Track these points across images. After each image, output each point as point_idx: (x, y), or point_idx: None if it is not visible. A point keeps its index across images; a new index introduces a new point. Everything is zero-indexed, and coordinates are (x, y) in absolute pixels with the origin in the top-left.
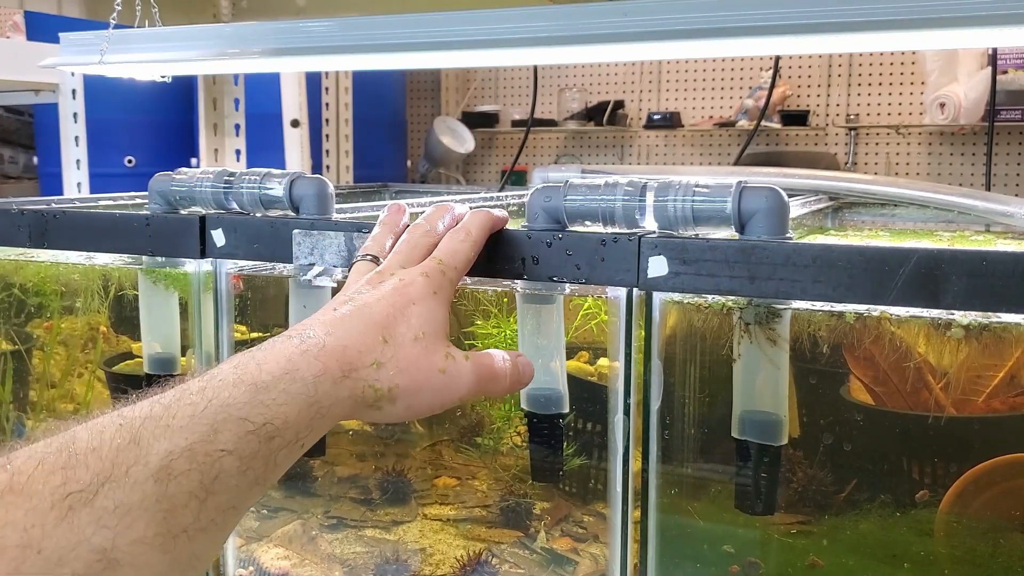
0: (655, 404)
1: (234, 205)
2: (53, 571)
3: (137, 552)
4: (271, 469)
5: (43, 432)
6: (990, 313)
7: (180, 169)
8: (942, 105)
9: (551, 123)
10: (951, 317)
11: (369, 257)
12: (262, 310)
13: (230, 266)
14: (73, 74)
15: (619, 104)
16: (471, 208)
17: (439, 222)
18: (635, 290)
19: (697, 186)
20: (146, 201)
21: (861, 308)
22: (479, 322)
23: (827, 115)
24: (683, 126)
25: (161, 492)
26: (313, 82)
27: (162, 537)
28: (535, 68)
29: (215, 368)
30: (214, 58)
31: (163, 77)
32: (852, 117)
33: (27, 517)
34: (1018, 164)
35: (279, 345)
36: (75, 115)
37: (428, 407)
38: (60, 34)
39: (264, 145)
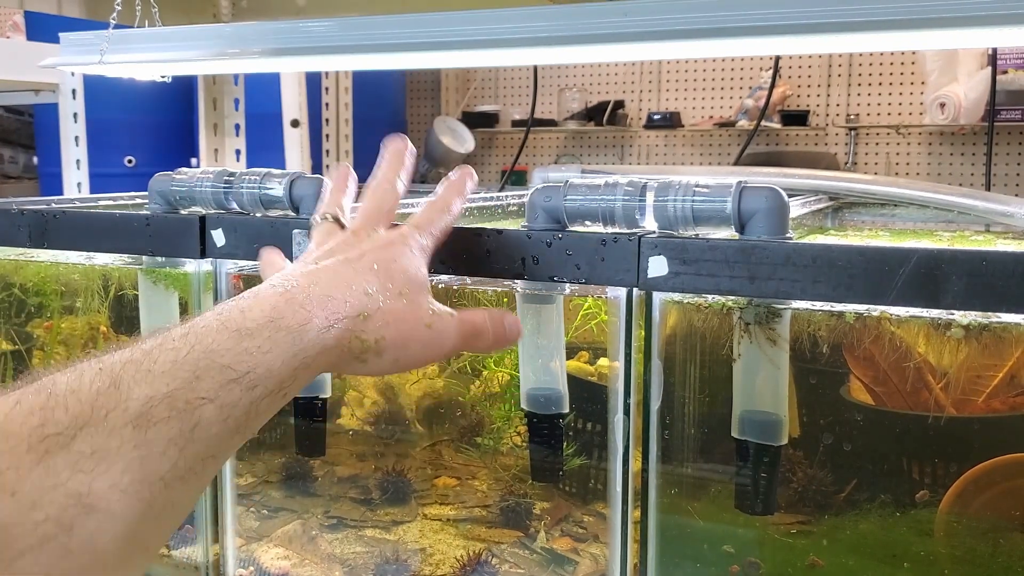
0: (655, 404)
1: (234, 205)
2: (26, 515)
3: (112, 498)
4: (252, 418)
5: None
6: (990, 313)
7: (180, 169)
8: (942, 105)
9: (551, 123)
10: (951, 317)
11: (330, 218)
12: None
13: (230, 266)
14: (73, 74)
15: (619, 104)
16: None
17: (396, 180)
18: (635, 290)
19: (697, 186)
20: (146, 201)
21: (861, 308)
22: None
23: (827, 115)
24: (683, 126)
25: (139, 438)
26: (313, 82)
27: (138, 484)
28: (535, 68)
29: (198, 315)
30: (214, 58)
31: (163, 77)
32: (852, 117)
33: (2, 459)
34: (1018, 164)
35: (264, 293)
36: (75, 115)
37: (415, 361)
38: (60, 34)
39: (264, 145)
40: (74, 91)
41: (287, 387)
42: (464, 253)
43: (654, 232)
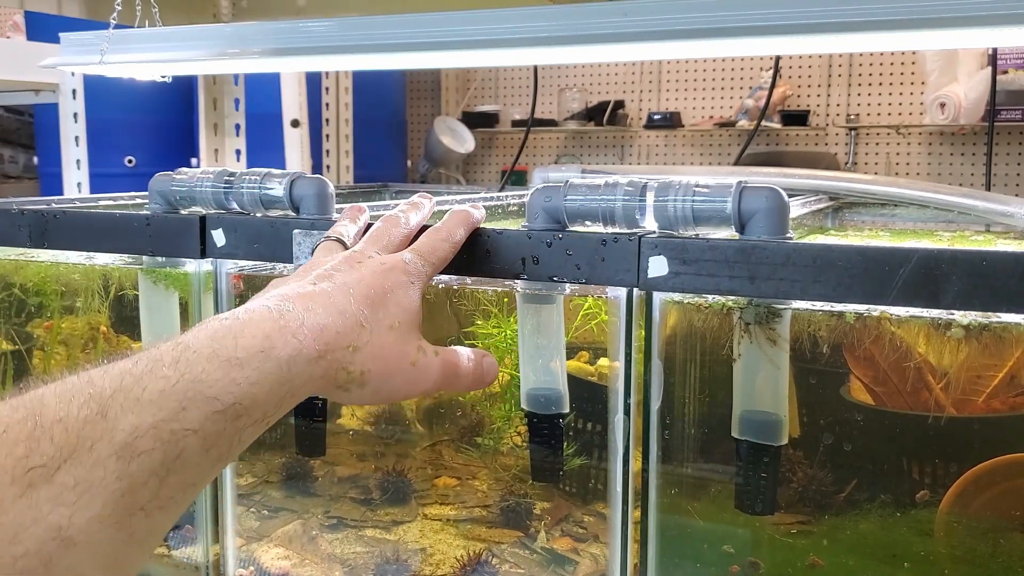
0: (655, 404)
1: (234, 205)
2: (5, 549)
3: (93, 530)
4: (235, 447)
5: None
6: (990, 313)
7: (180, 169)
8: (942, 105)
9: (551, 123)
10: (951, 317)
11: (334, 238)
12: None
13: (230, 266)
14: (73, 74)
15: (619, 104)
16: (456, 207)
17: (412, 215)
18: (635, 290)
19: (697, 186)
20: (146, 201)
21: (861, 308)
22: (479, 322)
23: (827, 115)
24: (683, 126)
25: (123, 470)
26: (313, 82)
27: (118, 515)
28: (535, 68)
29: (190, 334)
30: (214, 58)
31: (163, 77)
32: (852, 117)
33: None
34: (1018, 164)
35: (258, 316)
36: (75, 115)
37: (394, 394)
38: (60, 34)
39: (264, 145)
40: (74, 91)
41: (270, 415)
42: (464, 253)
43: (654, 232)
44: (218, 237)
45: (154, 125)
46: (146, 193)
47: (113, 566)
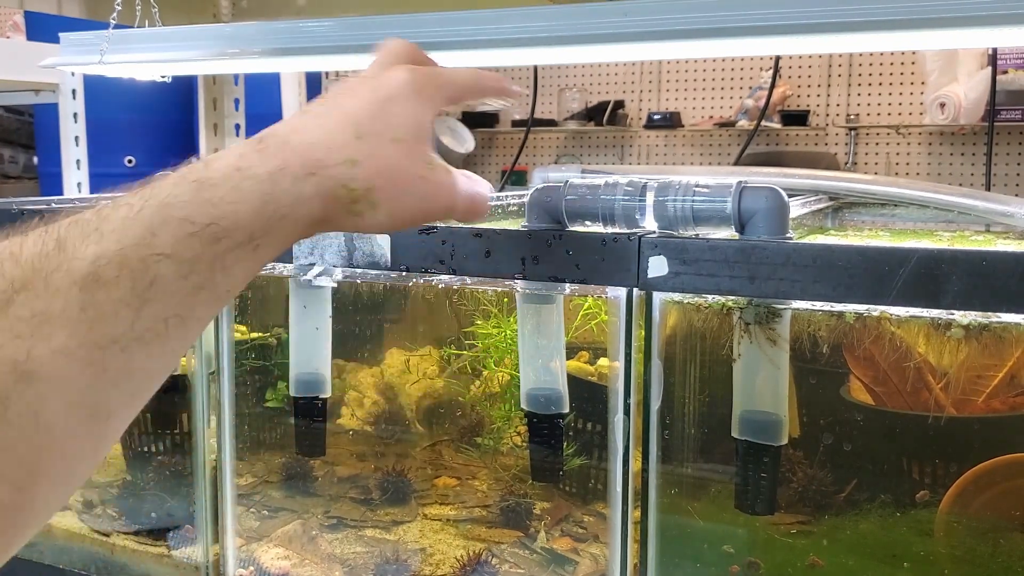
0: (655, 404)
1: None
2: None
3: (57, 364)
4: (219, 272)
5: None
6: (990, 313)
7: None
8: (942, 105)
9: (551, 123)
10: (951, 317)
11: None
12: (262, 310)
13: None
14: (73, 74)
15: (619, 104)
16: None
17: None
18: (635, 290)
19: (697, 186)
20: None
21: (861, 308)
22: (479, 322)
23: (827, 115)
24: (683, 126)
25: (87, 300)
26: (313, 82)
27: (86, 348)
28: (535, 68)
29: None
30: (214, 58)
31: (163, 77)
32: (852, 117)
33: None
34: (1018, 164)
35: (234, 146)
36: (75, 115)
37: (412, 216)
38: (60, 34)
39: None
40: (74, 91)
41: (259, 238)
42: (464, 253)
43: (654, 232)
44: None
45: (154, 125)
46: None
47: (87, 405)
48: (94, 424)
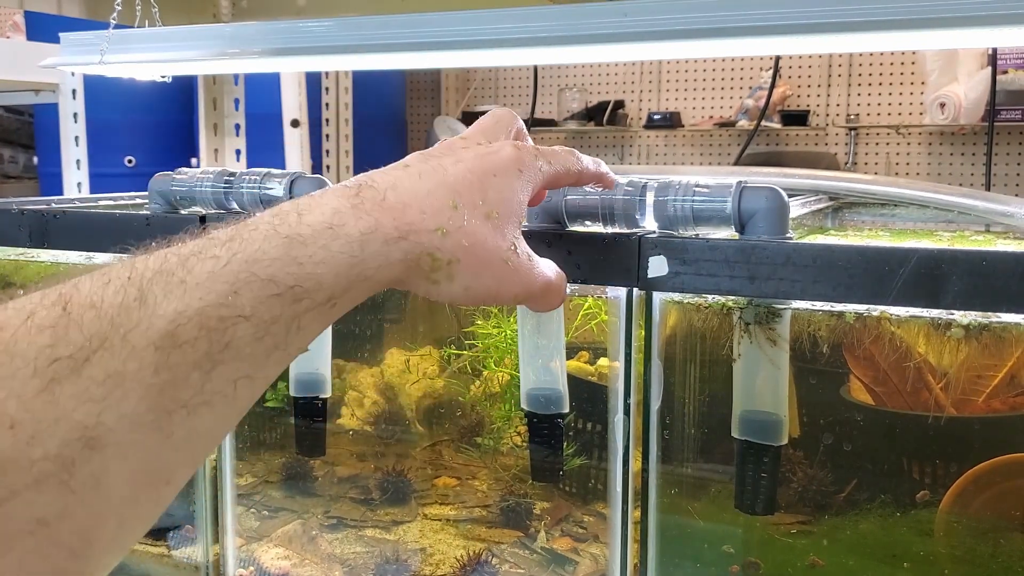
0: (655, 404)
1: (234, 205)
2: (23, 450)
3: (123, 430)
4: (294, 334)
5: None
6: (990, 313)
7: (180, 169)
8: (942, 105)
9: (551, 123)
10: (951, 317)
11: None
12: None
13: None
14: (73, 74)
15: (619, 104)
16: None
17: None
18: (635, 290)
19: (697, 186)
20: (146, 201)
21: (861, 308)
22: (479, 322)
23: (827, 115)
24: (683, 126)
25: (161, 362)
26: (313, 82)
27: (155, 413)
28: (535, 68)
29: (254, 216)
30: (214, 58)
31: (163, 77)
32: (852, 117)
33: (4, 385)
34: (1018, 164)
35: (330, 194)
36: (75, 115)
37: (485, 295)
38: (60, 34)
39: (264, 145)
40: (74, 91)
41: (338, 299)
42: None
43: (654, 232)
44: None
45: (154, 125)
46: (146, 193)
47: (147, 471)
48: (154, 489)
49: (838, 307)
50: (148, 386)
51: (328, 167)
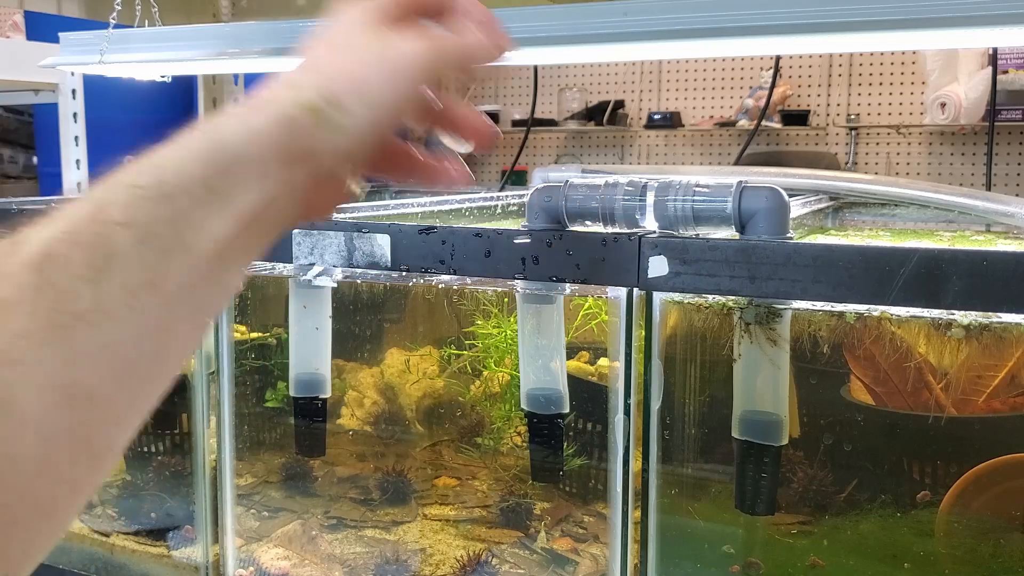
0: (655, 404)
1: None
2: None
3: (20, 347)
4: (187, 232)
5: None
6: (990, 313)
7: None
8: (942, 105)
9: (551, 123)
10: (951, 317)
11: None
12: (262, 310)
13: None
14: (73, 74)
15: (619, 104)
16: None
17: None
18: (635, 290)
19: (697, 186)
20: None
21: (861, 308)
22: (479, 322)
23: (827, 115)
24: (683, 126)
25: (40, 280)
26: None
27: (49, 329)
28: (535, 68)
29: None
30: (214, 58)
31: (163, 77)
32: (852, 117)
33: None
34: (1018, 164)
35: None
36: (75, 115)
37: (385, 99)
38: (60, 34)
39: None
40: (74, 91)
41: (218, 187)
42: (464, 253)
43: (654, 232)
44: None
45: (154, 125)
46: None
47: (56, 384)
48: (73, 407)
49: (838, 307)
50: (34, 304)
51: None
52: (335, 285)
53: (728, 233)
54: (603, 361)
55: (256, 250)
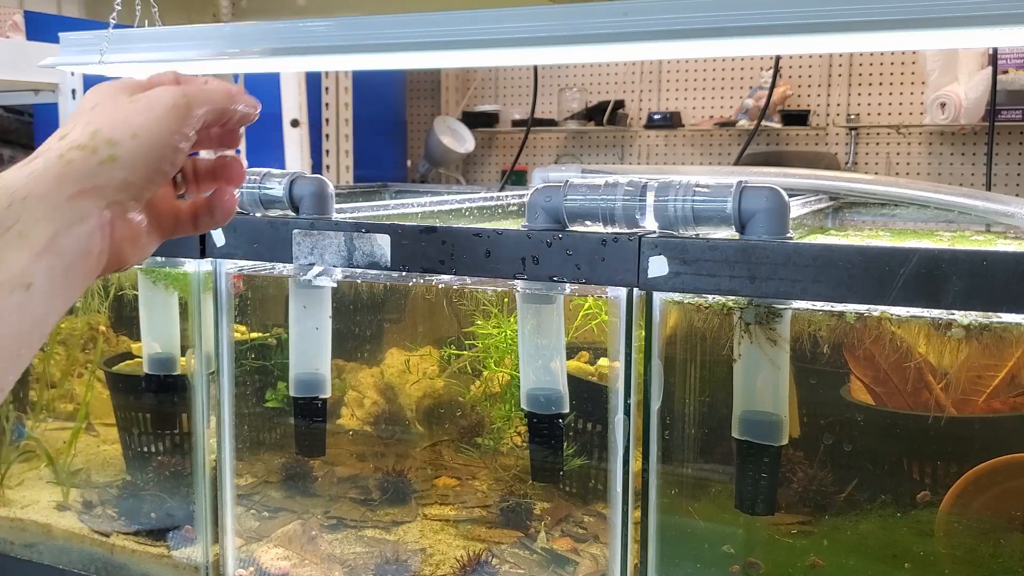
0: (655, 404)
1: None
2: None
3: None
4: None
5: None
6: (990, 313)
7: None
8: (942, 105)
9: (551, 123)
10: (951, 317)
11: None
12: (262, 310)
13: (230, 266)
14: (73, 74)
15: (619, 104)
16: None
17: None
18: (635, 290)
19: (697, 186)
20: None
21: (861, 308)
22: (479, 322)
23: (827, 115)
24: (683, 126)
25: None
26: (313, 82)
27: None
28: (535, 68)
29: None
30: (214, 58)
31: None
32: (852, 117)
33: None
34: (1018, 164)
35: None
36: None
37: (156, 137)
38: (60, 34)
39: (264, 145)
40: (74, 91)
41: (12, 224)
42: (464, 253)
43: (654, 232)
44: (217, 237)
45: None
46: None
47: None
48: None
49: (838, 307)
50: None
51: (328, 167)
52: (335, 285)
53: (728, 233)
54: (603, 361)
55: (73, 285)
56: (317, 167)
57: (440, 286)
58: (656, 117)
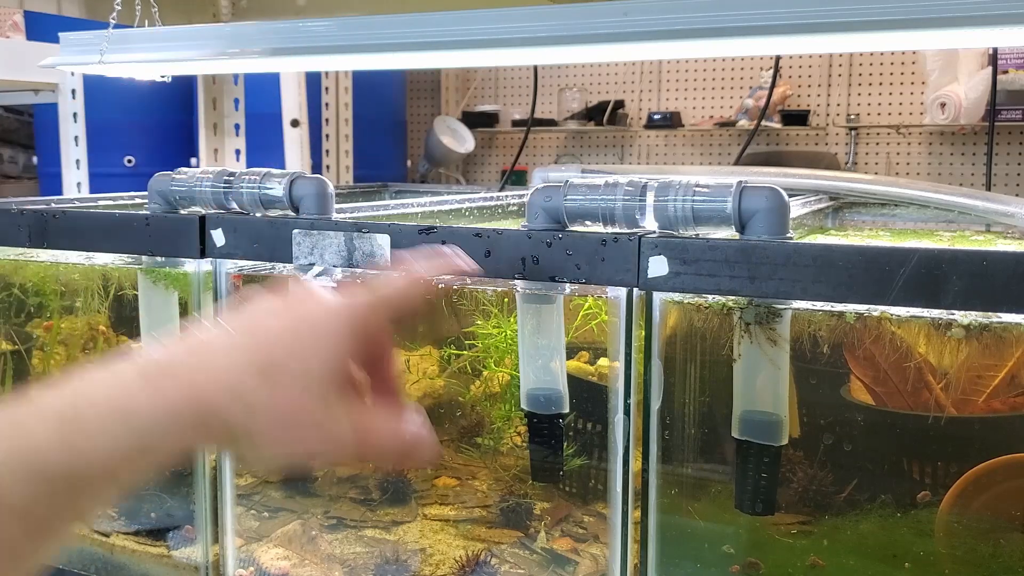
0: (655, 404)
1: (234, 205)
2: None
3: None
4: (71, 519)
5: None
6: (990, 313)
7: (180, 169)
8: (942, 105)
9: (551, 123)
10: (951, 317)
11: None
12: None
13: (230, 266)
14: (73, 74)
15: (619, 104)
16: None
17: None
18: (635, 290)
19: (697, 186)
20: (146, 201)
21: (861, 308)
22: (479, 322)
23: (827, 115)
24: (683, 126)
25: None
26: (313, 82)
27: None
28: (535, 68)
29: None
30: (214, 58)
31: (163, 77)
32: (852, 117)
33: None
34: (1018, 164)
35: (122, 367)
36: (75, 115)
37: (295, 458)
38: (60, 34)
39: (264, 145)
40: (74, 91)
41: (120, 474)
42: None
43: (654, 232)
44: (218, 237)
45: (154, 125)
46: (146, 193)
47: None
48: None
49: (838, 307)
50: None
51: (328, 167)
52: (335, 285)
53: (728, 233)
54: (603, 361)
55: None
56: (317, 167)
57: (440, 286)
58: (656, 117)
